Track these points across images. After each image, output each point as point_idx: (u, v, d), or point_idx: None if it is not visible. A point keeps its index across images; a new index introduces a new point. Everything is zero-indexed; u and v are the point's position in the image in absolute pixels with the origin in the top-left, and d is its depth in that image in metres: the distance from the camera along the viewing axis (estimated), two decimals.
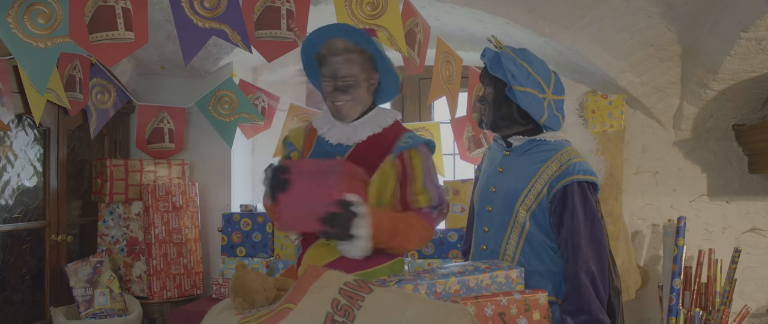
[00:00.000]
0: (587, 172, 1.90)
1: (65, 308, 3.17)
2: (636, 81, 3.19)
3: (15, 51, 2.26)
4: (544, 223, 1.93)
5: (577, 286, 1.83)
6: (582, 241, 1.85)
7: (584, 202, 1.88)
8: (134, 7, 2.28)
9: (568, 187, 1.88)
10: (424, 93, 3.95)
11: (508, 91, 1.93)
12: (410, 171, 1.92)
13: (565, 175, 1.89)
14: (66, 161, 3.32)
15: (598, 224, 1.90)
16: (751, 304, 3.16)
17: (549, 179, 1.91)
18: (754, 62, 2.78)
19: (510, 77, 1.90)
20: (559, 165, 1.91)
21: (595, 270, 1.84)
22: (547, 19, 3.01)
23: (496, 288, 1.69)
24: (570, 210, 1.87)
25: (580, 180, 1.88)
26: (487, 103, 2.02)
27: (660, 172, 3.41)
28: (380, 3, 2.44)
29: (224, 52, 3.54)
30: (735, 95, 3.07)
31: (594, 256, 1.85)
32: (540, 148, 1.97)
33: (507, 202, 1.96)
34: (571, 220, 1.86)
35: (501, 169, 2.03)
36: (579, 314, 1.82)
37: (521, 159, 1.99)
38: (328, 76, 1.94)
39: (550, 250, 1.93)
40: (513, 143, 2.02)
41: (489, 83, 2.01)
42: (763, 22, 2.53)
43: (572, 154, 1.94)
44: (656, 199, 3.40)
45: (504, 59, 1.93)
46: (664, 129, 3.37)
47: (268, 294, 1.54)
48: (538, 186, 1.92)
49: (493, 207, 2.01)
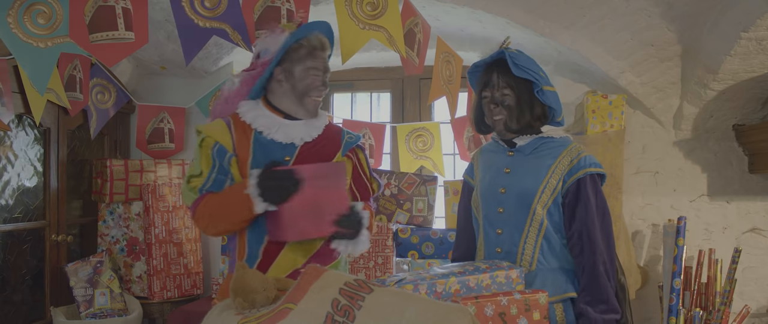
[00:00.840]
0: (596, 164, 1.95)
1: (65, 308, 3.17)
2: (636, 81, 3.19)
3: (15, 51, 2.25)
4: (559, 219, 1.95)
5: (596, 277, 1.85)
6: (597, 233, 1.88)
7: (596, 194, 1.92)
8: (134, 7, 2.27)
9: (582, 180, 1.91)
10: (424, 93, 3.95)
11: (538, 93, 1.94)
12: (362, 163, 2.08)
13: (577, 168, 1.92)
14: (66, 161, 3.32)
15: (608, 217, 1.94)
16: (751, 304, 3.16)
17: (563, 174, 1.93)
18: (754, 62, 2.78)
19: (540, 77, 1.92)
20: (570, 159, 1.94)
21: (608, 262, 1.88)
22: (547, 19, 3.01)
23: (496, 288, 1.69)
24: (584, 202, 1.90)
25: (592, 172, 1.92)
26: (508, 106, 1.97)
27: (660, 172, 3.41)
28: (380, 3, 2.44)
29: (224, 52, 3.54)
30: (735, 95, 3.07)
31: (606, 248, 1.89)
32: (548, 146, 1.99)
33: (521, 201, 1.96)
34: (585, 213, 1.89)
35: (508, 170, 2.01)
36: (599, 304, 1.84)
37: (529, 158, 1.99)
38: (319, 69, 1.95)
39: (564, 247, 1.95)
40: (518, 143, 2.02)
41: (509, 86, 1.96)
42: (763, 22, 2.53)
43: (580, 148, 1.98)
44: (656, 199, 3.40)
45: (523, 60, 1.94)
46: (664, 129, 3.37)
47: (268, 294, 1.54)
48: (553, 182, 1.93)
49: (504, 208, 1.99)
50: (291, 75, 1.94)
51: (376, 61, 3.84)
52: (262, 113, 1.96)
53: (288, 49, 1.93)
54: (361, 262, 3.29)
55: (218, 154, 1.89)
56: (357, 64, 3.89)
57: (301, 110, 1.97)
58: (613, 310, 1.84)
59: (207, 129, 1.93)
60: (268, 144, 1.93)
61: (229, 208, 1.84)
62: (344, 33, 2.36)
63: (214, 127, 1.93)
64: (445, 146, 3.77)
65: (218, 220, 1.87)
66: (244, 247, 1.93)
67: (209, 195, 1.88)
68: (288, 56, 1.94)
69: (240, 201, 1.82)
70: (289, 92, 1.95)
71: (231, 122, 1.95)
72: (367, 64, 3.93)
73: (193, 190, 1.89)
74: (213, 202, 1.87)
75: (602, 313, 1.83)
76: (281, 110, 1.97)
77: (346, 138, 2.06)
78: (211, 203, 1.87)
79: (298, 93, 1.95)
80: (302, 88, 1.94)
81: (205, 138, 1.91)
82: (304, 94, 1.94)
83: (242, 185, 1.83)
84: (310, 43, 1.95)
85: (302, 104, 1.96)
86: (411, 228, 3.43)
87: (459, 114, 3.29)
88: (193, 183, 1.89)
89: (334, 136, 2.04)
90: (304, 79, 1.93)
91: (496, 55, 2.00)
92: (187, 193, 1.91)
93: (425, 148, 3.71)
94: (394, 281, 1.59)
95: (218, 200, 1.86)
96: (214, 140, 1.90)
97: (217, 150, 1.90)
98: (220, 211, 1.85)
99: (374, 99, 4.19)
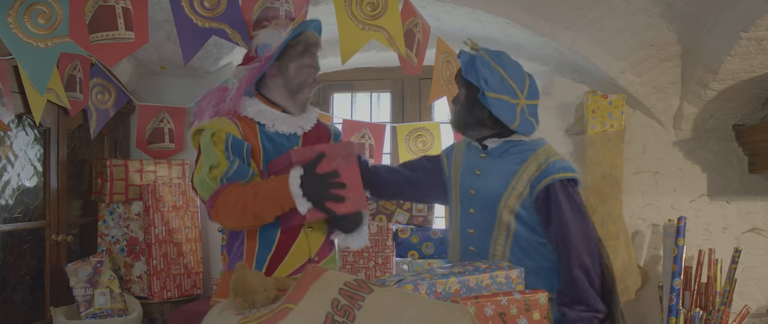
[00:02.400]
0: (566, 169, 1.92)
1: (65, 308, 3.17)
2: (636, 81, 3.19)
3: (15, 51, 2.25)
4: (531, 221, 1.94)
5: (572, 281, 1.86)
6: (571, 237, 1.88)
7: (568, 198, 1.90)
8: (134, 7, 2.27)
9: (551, 186, 1.90)
10: (424, 93, 3.95)
11: (480, 97, 1.94)
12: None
13: (545, 174, 1.91)
14: (66, 161, 3.32)
15: (584, 217, 1.92)
16: (751, 304, 3.16)
17: (529, 180, 1.93)
18: (754, 62, 2.78)
19: (482, 83, 1.92)
20: (537, 165, 1.93)
21: (588, 262, 1.87)
22: (547, 19, 3.01)
23: (496, 288, 1.69)
24: (556, 208, 1.89)
25: (561, 178, 1.90)
26: (460, 104, 2.03)
27: (660, 172, 3.41)
28: (380, 3, 2.44)
29: (224, 52, 3.54)
30: (735, 95, 3.07)
31: (585, 249, 1.88)
32: (516, 149, 1.99)
33: (488, 204, 1.98)
34: (559, 218, 1.89)
35: (479, 172, 2.04)
36: (576, 305, 1.86)
37: (498, 161, 2.00)
38: (312, 65, 1.98)
39: (539, 246, 1.95)
40: (489, 146, 2.03)
41: (463, 86, 2.02)
42: (763, 22, 2.53)
43: (549, 152, 1.96)
44: (656, 199, 3.40)
45: (479, 63, 1.94)
46: (664, 129, 3.37)
47: (268, 294, 1.54)
48: (518, 187, 1.93)
49: (475, 209, 2.02)
50: (286, 71, 1.96)
51: (376, 61, 3.84)
52: (262, 108, 1.98)
53: (285, 46, 1.95)
54: (361, 262, 3.29)
55: (234, 146, 1.87)
56: (357, 64, 3.89)
57: (293, 105, 1.99)
58: (593, 309, 1.85)
59: (214, 125, 1.90)
60: (273, 136, 1.95)
61: (257, 202, 1.78)
62: (344, 33, 2.36)
63: (220, 123, 1.90)
64: (445, 146, 3.76)
65: (240, 213, 1.80)
66: (254, 240, 1.90)
67: (232, 185, 1.82)
68: (285, 52, 1.95)
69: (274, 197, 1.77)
70: (282, 87, 1.97)
71: (233, 118, 1.94)
72: (367, 64, 3.93)
73: (214, 180, 1.82)
74: (241, 194, 1.79)
75: (580, 313, 1.85)
76: (276, 104, 1.99)
77: (333, 131, 2.16)
78: (239, 195, 1.79)
79: (291, 89, 1.97)
80: (296, 84, 1.96)
81: (216, 131, 1.88)
82: (297, 91, 1.97)
83: (279, 182, 1.79)
84: (307, 40, 1.97)
85: (294, 100, 1.98)
86: (411, 228, 3.43)
87: None
88: (213, 173, 1.83)
89: (323, 128, 2.12)
90: (298, 76, 1.96)
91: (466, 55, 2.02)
92: (207, 183, 1.83)
93: (425, 148, 3.71)
94: (394, 281, 1.59)
95: (249, 193, 1.80)
96: (226, 132, 1.87)
97: (232, 141, 1.87)
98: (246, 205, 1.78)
99: (374, 99, 4.19)
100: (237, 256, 1.95)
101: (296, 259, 1.91)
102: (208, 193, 1.83)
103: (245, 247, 1.92)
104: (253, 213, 1.79)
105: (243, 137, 1.90)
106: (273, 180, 1.83)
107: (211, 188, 1.82)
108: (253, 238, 1.91)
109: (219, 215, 1.83)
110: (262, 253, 1.90)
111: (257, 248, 1.90)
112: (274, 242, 1.91)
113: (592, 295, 1.86)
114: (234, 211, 1.79)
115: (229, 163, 1.84)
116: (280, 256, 1.91)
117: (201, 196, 1.88)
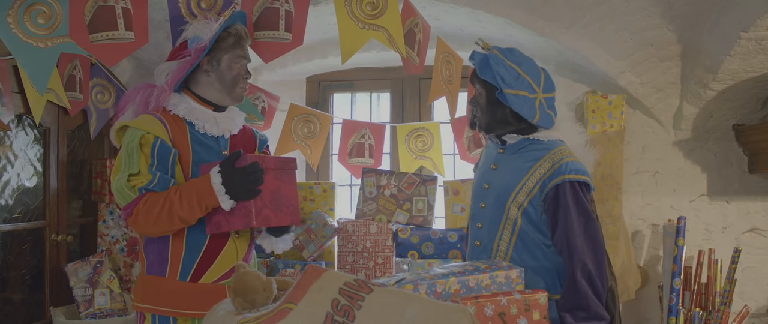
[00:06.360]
0: (579, 171, 1.92)
1: (65, 308, 3.16)
2: (636, 81, 3.19)
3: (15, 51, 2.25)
4: (537, 220, 1.94)
5: (574, 284, 1.84)
6: (577, 239, 1.86)
7: (576, 200, 1.89)
8: (134, 7, 2.27)
9: (560, 186, 1.89)
10: (424, 93, 3.95)
11: (498, 95, 1.94)
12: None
13: (557, 174, 1.90)
14: (66, 161, 3.32)
15: (593, 221, 1.91)
16: (751, 304, 3.16)
17: (541, 178, 1.92)
18: (754, 62, 2.78)
19: (500, 80, 1.92)
20: (551, 164, 1.93)
21: (592, 267, 1.85)
22: (547, 19, 3.01)
23: (496, 288, 1.69)
24: (563, 209, 1.88)
25: (572, 179, 1.89)
26: (479, 105, 2.03)
27: (660, 172, 3.41)
28: (380, 3, 2.44)
29: None
30: (735, 95, 3.07)
31: (590, 253, 1.86)
32: (533, 147, 1.99)
33: (499, 199, 1.98)
34: (565, 219, 1.88)
35: (495, 166, 2.05)
36: (576, 311, 1.84)
37: (514, 157, 2.01)
38: (245, 58, 1.98)
39: (543, 246, 1.94)
40: (507, 141, 2.04)
41: (479, 86, 2.02)
42: (763, 22, 2.53)
43: (564, 153, 1.95)
44: (656, 199, 3.40)
45: (493, 62, 1.94)
46: (664, 129, 3.37)
47: (268, 294, 1.54)
48: (529, 184, 1.93)
49: (486, 204, 2.04)
50: (218, 64, 1.94)
51: (376, 61, 3.84)
52: (192, 105, 1.94)
53: (216, 38, 1.92)
54: (361, 262, 3.29)
55: (160, 152, 1.83)
56: (357, 64, 3.89)
57: (228, 99, 1.97)
58: (594, 317, 1.82)
59: (142, 124, 1.84)
60: (203, 138, 1.93)
61: (183, 205, 1.76)
62: (344, 33, 2.36)
63: (149, 123, 1.85)
64: (444, 146, 3.77)
65: (166, 219, 1.77)
66: (181, 245, 1.87)
67: (150, 193, 1.80)
68: (216, 45, 1.93)
69: (198, 198, 1.76)
70: (216, 81, 1.95)
71: (161, 117, 1.89)
72: (367, 64, 3.92)
73: (132, 190, 1.80)
74: (165, 200, 1.78)
75: (580, 320, 1.82)
76: (207, 100, 1.96)
77: (259, 136, 2.14)
78: (162, 201, 1.78)
79: (226, 82, 1.95)
80: (230, 77, 1.95)
81: (145, 134, 1.83)
82: (233, 84, 1.95)
83: (200, 182, 1.77)
84: (237, 32, 1.95)
85: (230, 93, 1.96)
86: (411, 228, 3.43)
87: (459, 114, 3.28)
88: (133, 182, 1.81)
89: (248, 132, 2.10)
90: (232, 69, 1.95)
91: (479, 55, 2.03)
92: (125, 192, 1.81)
93: (425, 148, 3.71)
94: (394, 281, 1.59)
95: (174, 197, 1.78)
96: (154, 136, 1.83)
97: (159, 147, 1.83)
98: (172, 209, 1.77)
99: (374, 99, 4.19)
100: (158, 260, 1.90)
101: (224, 265, 1.90)
102: (125, 201, 1.81)
103: (170, 252, 1.88)
104: (179, 217, 1.78)
105: (171, 142, 1.86)
106: (193, 181, 1.82)
107: (130, 197, 1.81)
108: (179, 243, 1.88)
109: (137, 222, 1.81)
110: (188, 258, 1.87)
111: (184, 253, 1.88)
112: (202, 247, 1.88)
113: (594, 301, 1.83)
114: (160, 218, 1.77)
115: (151, 176, 1.81)
116: (208, 262, 1.88)
117: (116, 201, 1.85)
